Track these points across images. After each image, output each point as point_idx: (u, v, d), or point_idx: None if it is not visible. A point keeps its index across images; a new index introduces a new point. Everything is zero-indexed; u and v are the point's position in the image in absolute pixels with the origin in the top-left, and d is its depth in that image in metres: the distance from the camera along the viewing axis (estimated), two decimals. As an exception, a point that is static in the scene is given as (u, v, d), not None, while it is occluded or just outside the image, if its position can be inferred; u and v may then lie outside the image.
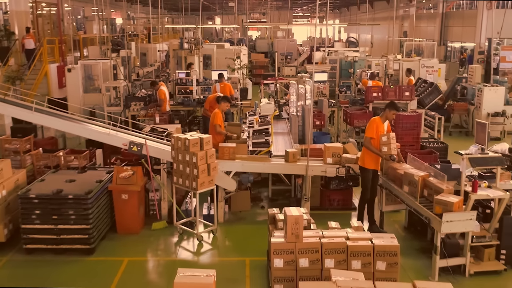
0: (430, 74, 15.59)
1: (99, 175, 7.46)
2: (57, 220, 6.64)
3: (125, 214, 7.33)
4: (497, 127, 13.10)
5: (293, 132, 9.56)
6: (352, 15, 42.98)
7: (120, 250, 6.96)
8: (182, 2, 26.81)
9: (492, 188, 6.35)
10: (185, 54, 16.53)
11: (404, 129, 9.85)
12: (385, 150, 6.92)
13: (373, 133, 7.02)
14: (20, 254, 6.76)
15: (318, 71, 14.49)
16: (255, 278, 6.11)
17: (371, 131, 7.05)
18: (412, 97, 11.68)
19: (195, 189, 6.95)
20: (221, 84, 12.28)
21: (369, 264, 4.41)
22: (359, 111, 11.90)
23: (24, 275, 6.30)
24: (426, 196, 6.52)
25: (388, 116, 7.20)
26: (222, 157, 7.63)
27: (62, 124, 7.85)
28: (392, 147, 6.89)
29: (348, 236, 4.60)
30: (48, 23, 24.03)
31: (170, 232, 7.50)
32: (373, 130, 7.03)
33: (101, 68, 14.08)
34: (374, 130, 7.02)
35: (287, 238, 4.46)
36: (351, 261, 4.40)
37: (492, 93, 13.19)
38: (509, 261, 6.37)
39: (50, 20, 24.48)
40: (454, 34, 26.38)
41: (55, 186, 6.85)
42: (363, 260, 4.41)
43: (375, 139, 7.02)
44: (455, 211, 5.91)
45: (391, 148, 6.89)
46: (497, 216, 6.35)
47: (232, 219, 8.03)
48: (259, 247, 6.78)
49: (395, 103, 7.34)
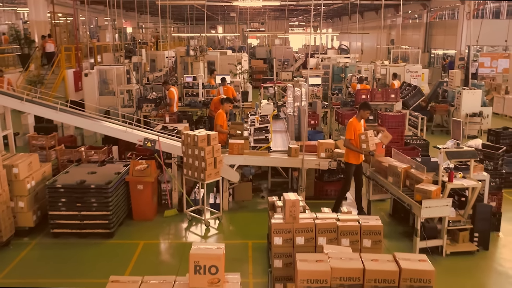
0: (414, 79, 15.87)
1: (117, 168, 7.75)
2: (80, 207, 6.90)
3: (140, 202, 7.60)
4: (474, 126, 13.43)
5: (290, 131, 9.84)
6: (344, 24, 43.20)
7: (136, 234, 7.24)
8: (189, 12, 27.05)
9: (466, 178, 6.65)
10: (191, 60, 16.79)
11: (389, 128, 10.06)
12: (364, 147, 7.28)
13: (351, 135, 7.39)
14: (48, 237, 7.02)
15: (313, 76, 14.77)
16: (257, 258, 6.41)
17: (349, 133, 7.42)
18: (397, 99, 11.97)
19: (203, 180, 7.24)
20: (224, 87, 12.56)
21: (357, 242, 4.70)
22: (350, 112, 12.16)
23: (51, 256, 6.56)
24: (408, 185, 6.82)
25: (363, 116, 7.56)
26: (232, 152, 7.93)
27: (84, 122, 8.12)
28: (370, 143, 7.26)
29: (338, 218, 4.89)
30: (64, 32, 24.29)
31: (180, 219, 7.78)
32: (351, 132, 7.39)
33: (115, 73, 14.36)
34: (352, 131, 7.39)
35: (286, 219, 4.76)
36: (341, 239, 4.70)
37: (470, 95, 13.48)
38: (481, 243, 6.65)
39: (66, 29, 24.74)
40: (437, 42, 26.65)
41: (78, 177, 7.13)
42: (351, 238, 4.70)
43: (353, 139, 7.38)
44: (433, 198, 6.21)
45: (369, 144, 7.25)
46: (470, 203, 6.64)
47: (235, 207, 8.32)
48: (260, 231, 7.07)
49: (367, 103, 7.73)
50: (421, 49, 26.41)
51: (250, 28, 42.42)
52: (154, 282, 3.71)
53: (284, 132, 10.00)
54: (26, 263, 6.35)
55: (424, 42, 27.60)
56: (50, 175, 7.70)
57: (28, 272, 6.11)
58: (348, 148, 7.45)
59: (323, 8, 30.16)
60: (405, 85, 14.18)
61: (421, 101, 13.89)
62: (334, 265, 3.61)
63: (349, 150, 7.47)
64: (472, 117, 13.32)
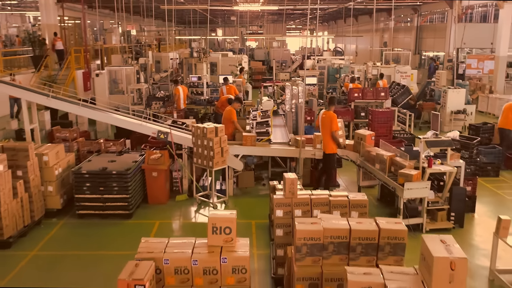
0: (404, 79, 16.65)
1: (134, 157, 8.48)
2: (103, 191, 7.62)
3: (154, 188, 8.33)
4: (459, 122, 14.20)
5: (288, 125, 10.58)
6: (339, 27, 43.99)
7: (152, 215, 7.95)
8: (191, 16, 27.75)
9: (444, 164, 7.43)
10: (194, 62, 17.54)
11: (379, 123, 10.95)
12: (341, 141, 8.14)
13: (338, 127, 8.24)
14: (73, 218, 7.75)
15: (309, 76, 15.54)
16: (259, 235, 7.15)
17: (336, 125, 8.21)
18: (386, 97, 12.74)
19: (211, 167, 7.98)
20: (226, 87, 13.29)
21: (346, 214, 5.44)
22: (343, 109, 12.97)
23: (77, 234, 7.28)
24: (393, 171, 7.57)
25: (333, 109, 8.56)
26: (245, 144, 8.71)
27: (104, 116, 8.85)
28: (344, 137, 8.40)
29: (330, 194, 5.64)
30: (71, 34, 25.00)
31: (190, 203, 8.51)
32: (337, 123, 8.18)
33: (124, 74, 15.09)
34: (337, 123, 8.20)
35: (286, 194, 5.50)
36: (332, 211, 5.44)
37: (455, 94, 14.24)
38: (457, 221, 7.41)
39: (74, 32, 25.45)
40: (427, 45, 27.45)
41: (100, 165, 7.86)
42: (341, 210, 5.44)
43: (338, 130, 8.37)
44: (414, 181, 6.98)
45: (345, 139, 8.44)
46: (447, 186, 7.40)
47: (239, 193, 9.05)
48: (261, 213, 7.83)
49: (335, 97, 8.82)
50: (412, 52, 27.19)
51: (249, 31, 43.13)
52: (178, 242, 4.46)
53: (283, 127, 10.75)
54: (56, 239, 7.08)
55: (415, 45, 28.41)
56: (73, 163, 8.42)
57: (58, 246, 6.85)
58: (332, 139, 8.23)
59: (319, 12, 30.93)
60: (394, 84, 14.95)
61: (410, 99, 14.67)
62: (326, 226, 4.35)
63: (330, 142, 8.26)
64: (457, 114, 14.09)
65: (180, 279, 4.21)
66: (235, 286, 4.24)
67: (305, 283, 4.30)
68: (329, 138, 8.30)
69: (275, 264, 5.69)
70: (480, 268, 6.21)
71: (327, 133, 8.32)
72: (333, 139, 8.24)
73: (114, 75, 15.58)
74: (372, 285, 3.27)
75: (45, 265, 6.30)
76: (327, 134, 8.31)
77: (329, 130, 8.25)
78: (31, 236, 7.10)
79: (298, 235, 4.32)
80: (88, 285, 5.76)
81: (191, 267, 4.19)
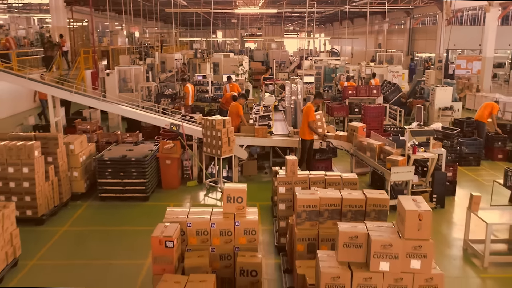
0: (395, 78, 17.50)
1: (149, 147, 9.29)
2: (123, 176, 8.40)
3: (168, 174, 9.12)
4: (446, 118, 15.00)
5: (288, 120, 11.37)
6: (335, 29, 44.86)
7: (166, 198, 8.74)
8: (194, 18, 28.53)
9: (427, 152, 8.25)
10: (198, 62, 18.32)
11: (371, 117, 11.77)
12: (320, 131, 8.97)
13: (314, 117, 9.13)
14: (96, 200, 8.54)
15: (307, 74, 16.37)
16: (263, 214, 7.95)
17: (312, 115, 9.08)
18: (378, 94, 13.57)
19: (219, 155, 8.79)
20: (230, 85, 14.11)
21: (339, 190, 6.26)
22: (338, 105, 13.79)
23: (101, 213, 8.08)
24: (381, 158, 8.37)
25: (317, 102, 9.55)
26: (258, 135, 9.53)
27: (123, 110, 9.64)
28: (323, 128, 9.20)
29: (325, 174, 6.45)
30: (78, 36, 25.77)
31: (200, 188, 9.31)
32: (313, 114, 9.13)
33: (133, 73, 15.88)
34: (313, 114, 9.13)
35: (287, 174, 6.31)
36: (327, 188, 6.26)
37: (443, 92, 15.07)
38: (438, 202, 8.21)
39: (81, 34, 26.22)
40: (419, 46, 28.31)
41: (120, 153, 8.66)
42: (335, 187, 6.25)
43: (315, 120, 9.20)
44: (400, 166, 7.80)
45: (324, 129, 9.23)
46: (430, 171, 8.23)
47: (244, 180, 9.82)
48: (265, 196, 8.63)
49: (321, 93, 9.53)
50: (405, 53, 28.07)
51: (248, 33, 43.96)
52: (198, 210, 5.27)
53: (283, 121, 11.56)
54: (83, 218, 7.88)
55: (408, 46, 29.27)
56: (94, 152, 9.20)
57: (85, 223, 7.65)
58: (310, 128, 9.06)
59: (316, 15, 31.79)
60: (385, 82, 15.79)
61: (401, 97, 15.50)
62: (322, 196, 5.15)
63: (306, 129, 9.10)
64: (444, 110, 14.92)
65: (201, 239, 5.00)
66: (246, 245, 5.03)
67: (305, 243, 5.11)
68: (306, 127, 9.17)
69: (278, 235, 6.51)
70: (456, 239, 7.04)
71: (304, 122, 9.20)
72: (310, 128, 9.07)
73: (123, 75, 16.36)
74: (358, 234, 4.07)
75: (75, 239, 7.10)
76: (305, 123, 9.18)
77: (307, 119, 9.10)
78: (60, 215, 7.89)
79: (298, 203, 5.12)
80: (114, 254, 6.55)
81: (210, 229, 4.98)
